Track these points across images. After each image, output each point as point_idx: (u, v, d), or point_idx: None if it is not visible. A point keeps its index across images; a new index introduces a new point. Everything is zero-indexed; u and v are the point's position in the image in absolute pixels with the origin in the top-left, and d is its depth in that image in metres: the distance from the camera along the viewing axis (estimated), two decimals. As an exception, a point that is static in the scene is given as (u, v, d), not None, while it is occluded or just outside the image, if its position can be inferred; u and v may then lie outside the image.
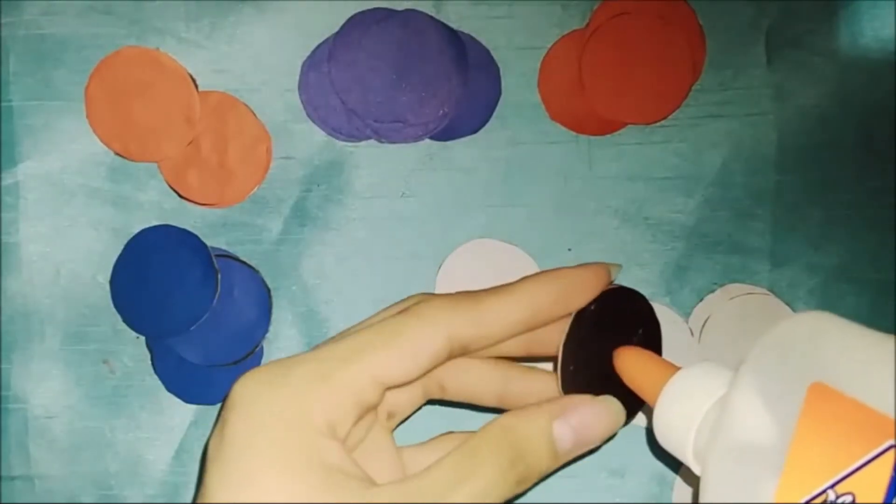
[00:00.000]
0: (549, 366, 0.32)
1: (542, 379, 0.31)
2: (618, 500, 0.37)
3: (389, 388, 0.26)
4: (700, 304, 0.37)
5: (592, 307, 0.29)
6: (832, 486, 0.22)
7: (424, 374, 0.26)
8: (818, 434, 0.23)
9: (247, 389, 0.25)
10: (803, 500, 0.23)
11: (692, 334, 0.37)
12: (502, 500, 0.25)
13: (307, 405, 0.24)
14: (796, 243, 0.37)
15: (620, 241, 0.37)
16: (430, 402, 0.32)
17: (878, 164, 0.37)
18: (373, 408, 0.26)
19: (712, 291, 0.37)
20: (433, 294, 0.28)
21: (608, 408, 0.28)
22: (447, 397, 0.31)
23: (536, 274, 0.29)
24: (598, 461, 0.37)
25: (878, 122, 0.37)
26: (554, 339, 0.29)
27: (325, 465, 0.24)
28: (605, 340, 0.30)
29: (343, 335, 0.27)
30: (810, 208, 0.37)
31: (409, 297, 0.30)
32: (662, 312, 0.37)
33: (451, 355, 0.27)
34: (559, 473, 0.36)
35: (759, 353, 0.25)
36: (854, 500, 0.22)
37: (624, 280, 0.37)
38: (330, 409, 0.25)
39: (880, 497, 0.22)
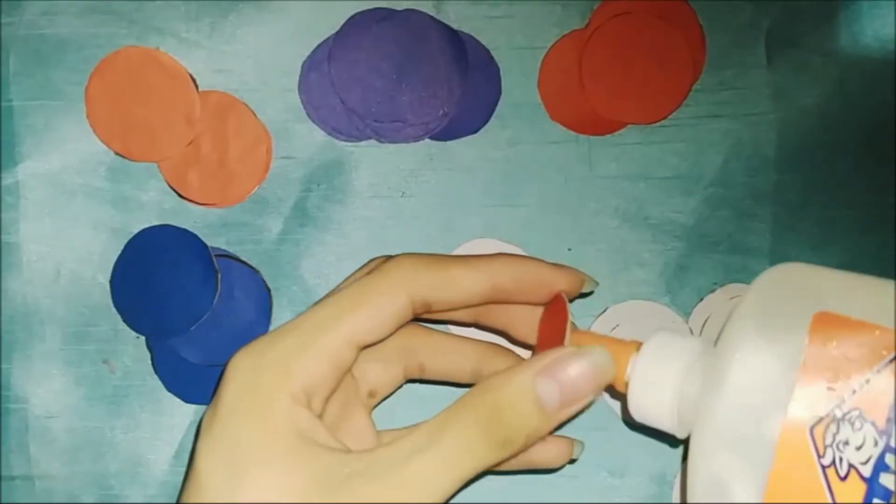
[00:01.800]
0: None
1: (518, 359, 0.31)
2: (617, 500, 0.37)
3: (363, 348, 0.27)
4: (700, 303, 0.37)
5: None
6: (840, 405, 0.23)
7: (394, 331, 0.27)
8: (826, 358, 0.24)
9: (237, 363, 0.26)
10: (812, 423, 0.23)
11: (692, 334, 0.37)
12: (486, 465, 0.25)
13: (286, 374, 0.26)
14: (796, 243, 0.37)
15: (620, 241, 0.37)
16: (412, 382, 0.32)
17: (878, 164, 0.37)
18: (349, 366, 0.27)
19: (712, 291, 0.37)
20: (400, 254, 0.29)
21: (596, 359, 0.26)
22: (426, 376, 0.32)
23: (509, 255, 0.30)
24: (598, 461, 0.37)
25: (878, 122, 0.37)
26: (504, 315, 0.31)
27: (298, 432, 0.25)
28: None
29: (322, 300, 0.28)
30: (810, 208, 0.37)
31: (374, 259, 0.30)
32: (662, 312, 0.37)
33: (415, 313, 0.28)
34: (559, 473, 0.36)
35: (752, 299, 0.25)
36: (861, 413, 0.22)
37: (624, 280, 0.37)
38: (309, 376, 0.26)
39: (886, 407, 0.22)
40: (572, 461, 0.32)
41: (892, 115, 0.37)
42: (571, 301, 0.30)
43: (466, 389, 0.26)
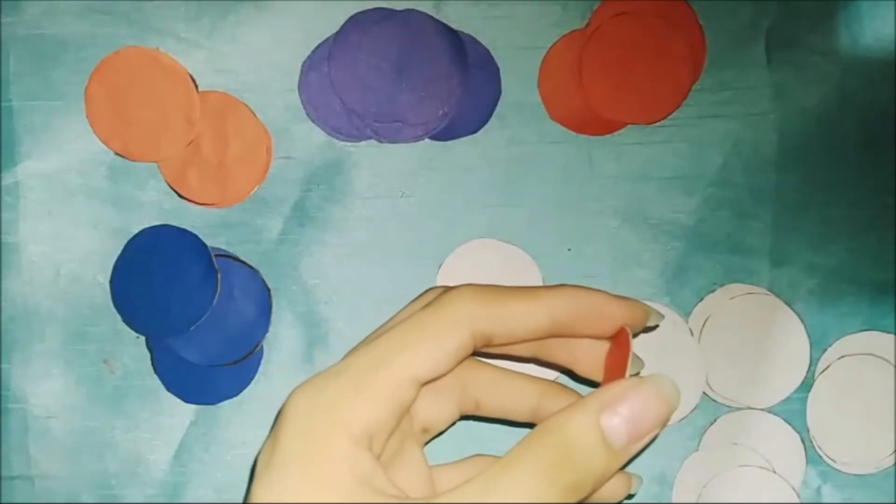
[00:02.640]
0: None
1: (577, 397, 0.30)
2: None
3: (426, 383, 0.26)
4: (700, 304, 0.37)
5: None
6: None
7: (454, 367, 0.26)
8: None
9: (294, 403, 0.25)
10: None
11: (692, 334, 0.37)
12: None
13: (346, 415, 0.25)
14: (796, 243, 0.37)
15: (620, 241, 0.37)
16: (464, 418, 0.31)
17: (878, 164, 0.37)
18: (409, 406, 0.26)
19: (712, 291, 0.37)
20: (459, 285, 0.28)
21: (659, 386, 0.25)
22: (481, 413, 0.31)
23: (572, 286, 0.28)
24: (598, 461, 0.37)
25: (878, 122, 0.37)
26: (566, 350, 0.29)
27: (357, 477, 0.24)
28: None
29: (375, 336, 0.27)
30: (810, 208, 0.37)
31: (431, 289, 0.30)
32: (662, 312, 0.37)
33: (476, 347, 0.27)
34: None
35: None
36: None
37: (624, 280, 0.37)
38: (369, 416, 0.25)
39: None
40: (630, 496, 0.31)
41: (892, 115, 0.37)
42: (636, 335, 0.29)
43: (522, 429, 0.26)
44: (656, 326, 0.30)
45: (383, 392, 0.25)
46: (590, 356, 0.30)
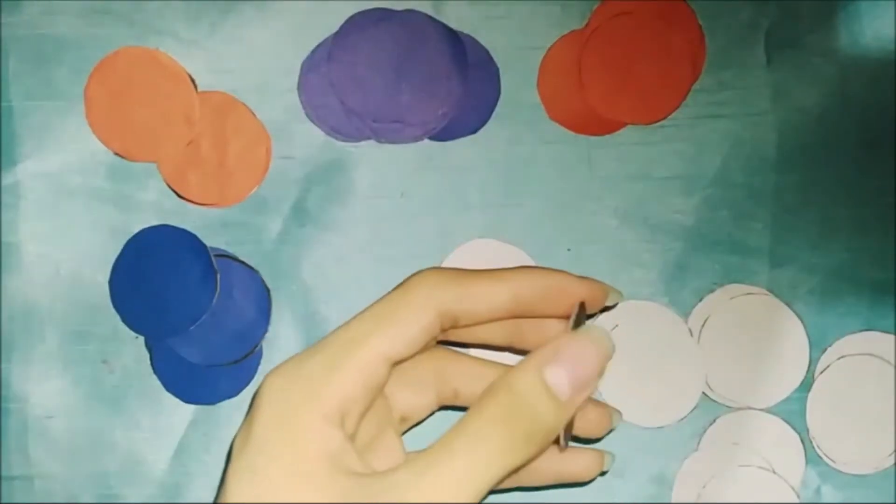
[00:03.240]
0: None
1: None
2: (617, 501, 0.37)
3: (398, 363, 0.27)
4: (700, 304, 0.37)
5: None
6: None
7: (423, 347, 0.27)
8: None
9: (268, 385, 0.26)
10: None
11: (692, 334, 0.37)
12: (507, 467, 0.25)
13: (317, 394, 0.26)
14: (796, 243, 0.37)
15: (620, 241, 0.37)
16: (444, 408, 0.32)
17: (878, 164, 0.37)
18: (382, 383, 0.27)
19: (712, 291, 0.37)
20: (425, 269, 0.29)
21: (592, 336, 0.27)
22: (460, 402, 0.31)
23: (532, 267, 0.30)
24: (598, 461, 0.37)
25: (878, 122, 0.37)
26: (537, 334, 0.30)
27: (326, 454, 0.25)
28: None
29: (351, 319, 0.28)
30: (810, 208, 0.37)
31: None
32: (662, 312, 0.37)
33: (443, 327, 0.28)
34: (558, 473, 0.36)
35: None
36: None
37: (624, 280, 0.37)
38: (340, 393, 0.26)
39: None
40: (603, 473, 0.32)
41: (892, 115, 0.37)
42: (595, 315, 0.30)
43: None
44: (615, 306, 0.31)
45: (353, 370, 0.26)
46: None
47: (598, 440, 0.34)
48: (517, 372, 0.26)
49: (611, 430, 0.33)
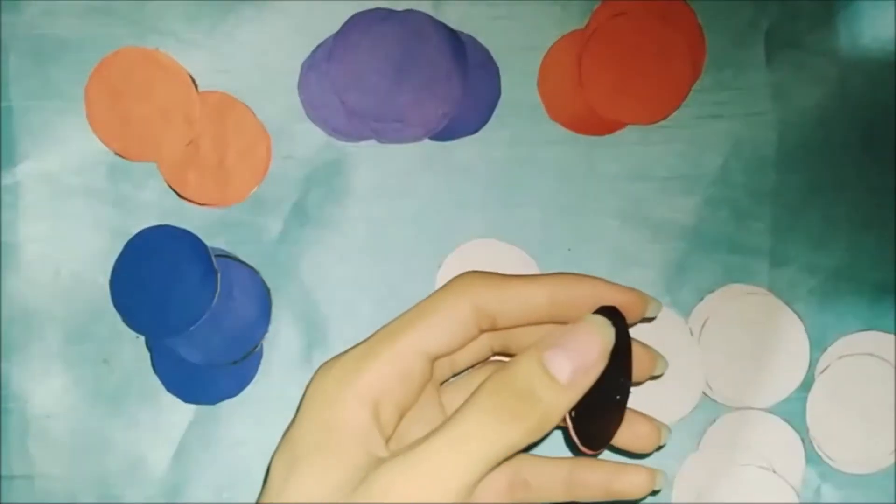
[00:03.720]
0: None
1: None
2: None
3: (436, 358, 0.28)
4: (700, 304, 0.37)
5: None
6: None
7: (462, 344, 0.28)
8: None
9: (315, 376, 0.28)
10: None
11: (692, 334, 0.37)
12: (506, 447, 0.25)
13: (351, 377, 0.27)
14: (796, 243, 0.37)
15: (620, 241, 0.37)
16: None
17: (878, 164, 0.37)
18: (420, 378, 0.28)
19: (712, 291, 0.37)
20: (465, 271, 0.30)
21: (592, 322, 0.27)
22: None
23: (570, 273, 0.30)
24: (598, 461, 0.37)
25: (878, 122, 0.37)
26: None
27: (350, 430, 0.26)
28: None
29: (397, 317, 0.29)
30: (810, 208, 0.37)
31: None
32: (663, 312, 0.37)
33: (480, 327, 0.29)
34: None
35: None
36: None
37: (624, 280, 0.37)
38: (373, 380, 0.27)
39: None
40: (655, 492, 0.32)
41: (892, 115, 0.37)
42: (633, 325, 0.29)
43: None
44: (654, 318, 0.31)
45: (386, 360, 0.27)
46: None
47: (647, 455, 0.33)
48: (517, 358, 0.27)
49: (660, 447, 0.32)
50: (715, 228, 0.37)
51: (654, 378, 0.32)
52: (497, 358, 0.32)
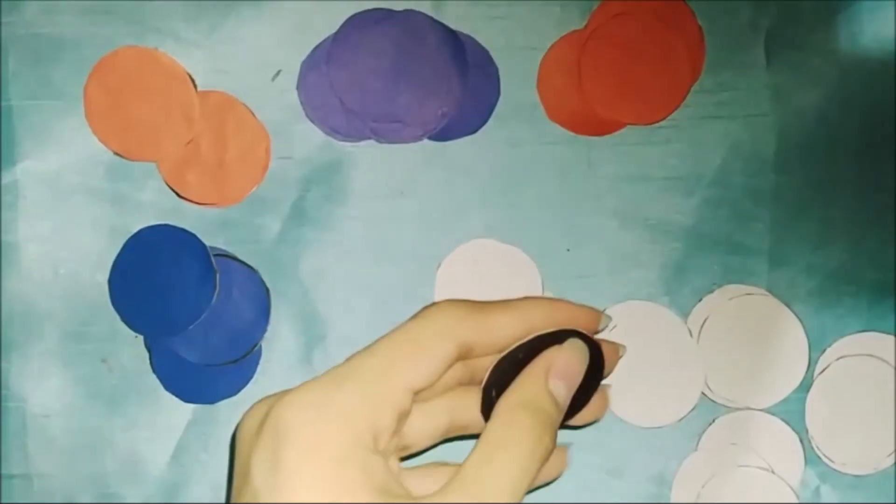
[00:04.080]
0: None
1: None
2: (617, 501, 0.37)
3: (417, 393, 0.28)
4: (699, 304, 0.37)
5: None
6: None
7: (441, 376, 0.28)
8: None
9: (296, 417, 0.26)
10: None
11: (691, 335, 0.37)
12: (544, 461, 0.27)
13: (356, 426, 0.26)
14: (795, 244, 0.37)
15: (620, 242, 0.37)
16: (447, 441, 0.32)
17: (878, 164, 0.37)
18: (407, 416, 0.28)
19: (711, 292, 0.37)
20: (442, 301, 0.29)
21: (576, 349, 0.30)
22: (469, 432, 0.31)
23: (538, 298, 0.31)
24: (597, 462, 0.37)
25: (878, 122, 0.37)
26: None
27: (374, 486, 0.25)
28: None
29: (373, 348, 0.28)
30: (809, 209, 0.37)
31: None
32: (662, 313, 0.37)
33: (460, 357, 0.29)
34: (557, 474, 0.36)
35: None
36: None
37: (623, 280, 0.37)
38: (378, 424, 0.26)
39: None
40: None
41: (891, 115, 0.37)
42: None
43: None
44: (604, 329, 0.32)
45: (387, 402, 0.27)
46: None
47: (582, 428, 0.33)
48: (529, 384, 0.29)
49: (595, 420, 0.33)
50: (714, 229, 0.37)
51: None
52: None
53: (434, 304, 0.29)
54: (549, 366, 0.29)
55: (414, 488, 0.29)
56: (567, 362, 0.29)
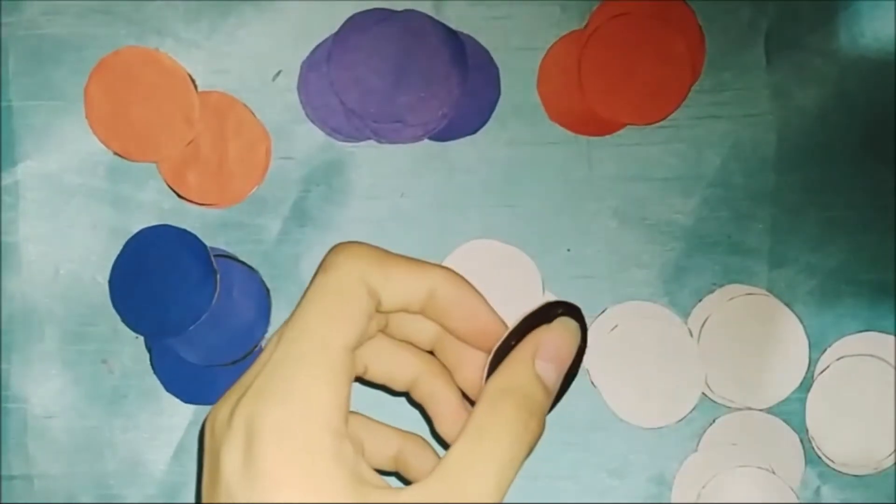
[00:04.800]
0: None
1: (446, 377, 0.31)
2: (617, 501, 0.37)
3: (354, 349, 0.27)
4: (699, 304, 0.37)
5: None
6: None
7: (367, 326, 0.28)
8: None
9: (263, 410, 0.25)
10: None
11: (691, 335, 0.37)
12: (534, 446, 0.27)
13: (323, 407, 0.25)
14: (795, 244, 0.37)
15: (619, 242, 0.37)
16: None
17: (878, 164, 0.37)
18: (354, 375, 0.27)
19: (711, 292, 0.37)
20: (347, 245, 0.29)
21: (566, 328, 0.29)
22: (367, 377, 0.31)
23: (451, 270, 0.30)
24: (597, 462, 0.37)
25: (878, 122, 0.37)
26: (453, 355, 0.30)
27: (348, 473, 0.25)
28: None
29: (298, 319, 0.27)
30: (809, 209, 0.37)
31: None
32: (662, 313, 0.37)
33: (373, 303, 0.28)
34: (558, 475, 0.36)
35: None
36: None
37: (623, 280, 0.37)
38: (341, 406, 0.26)
39: None
40: None
41: (892, 115, 0.37)
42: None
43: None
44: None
45: (337, 370, 0.26)
46: (471, 367, 0.30)
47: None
48: (514, 368, 0.28)
49: None
50: (714, 229, 0.37)
51: None
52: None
53: (339, 249, 0.28)
54: (535, 347, 0.28)
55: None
56: (556, 343, 0.29)
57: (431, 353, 0.31)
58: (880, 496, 0.37)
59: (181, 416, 0.37)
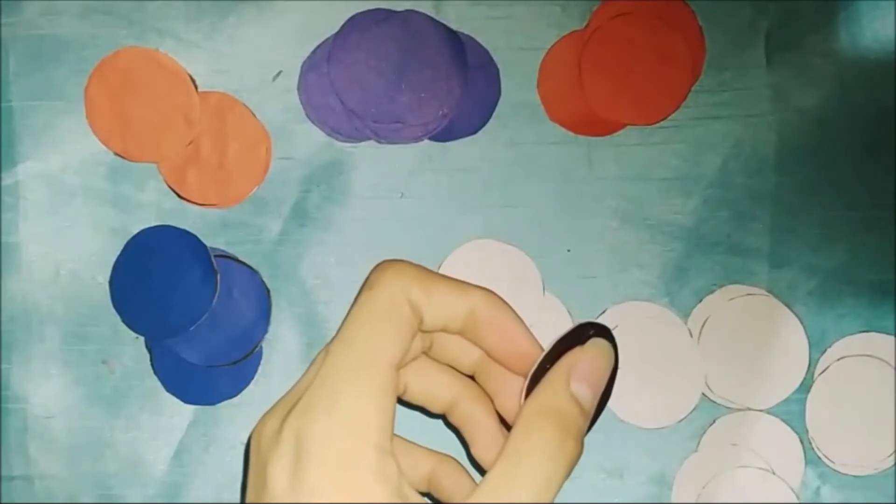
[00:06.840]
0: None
1: (486, 402, 0.31)
2: (616, 501, 0.37)
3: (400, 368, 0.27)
4: (699, 304, 0.37)
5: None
6: None
7: (411, 343, 0.28)
8: None
9: (311, 427, 0.26)
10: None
11: (692, 335, 0.37)
12: (572, 468, 0.27)
13: (366, 429, 0.26)
14: (795, 244, 0.37)
15: (620, 242, 0.37)
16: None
17: (878, 164, 0.37)
18: (398, 394, 0.28)
19: (711, 292, 0.37)
20: (392, 264, 0.29)
21: (600, 348, 0.29)
22: (406, 397, 0.31)
23: (492, 292, 0.29)
24: (597, 462, 0.37)
25: (878, 122, 0.37)
26: (495, 381, 0.30)
27: (395, 490, 0.25)
28: None
29: (345, 336, 0.27)
30: (810, 209, 0.37)
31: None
32: (662, 313, 0.37)
33: (417, 321, 0.28)
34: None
35: None
36: None
37: (623, 281, 0.37)
38: (386, 421, 0.26)
39: None
40: None
41: (892, 115, 0.37)
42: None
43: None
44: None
45: (382, 389, 0.26)
46: (511, 393, 0.30)
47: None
48: (549, 389, 0.28)
49: None
50: (714, 229, 0.37)
51: None
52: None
53: (384, 267, 0.28)
54: (570, 368, 0.28)
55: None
56: (590, 363, 0.28)
57: (472, 378, 0.31)
58: (880, 496, 0.37)
59: (181, 416, 0.37)
